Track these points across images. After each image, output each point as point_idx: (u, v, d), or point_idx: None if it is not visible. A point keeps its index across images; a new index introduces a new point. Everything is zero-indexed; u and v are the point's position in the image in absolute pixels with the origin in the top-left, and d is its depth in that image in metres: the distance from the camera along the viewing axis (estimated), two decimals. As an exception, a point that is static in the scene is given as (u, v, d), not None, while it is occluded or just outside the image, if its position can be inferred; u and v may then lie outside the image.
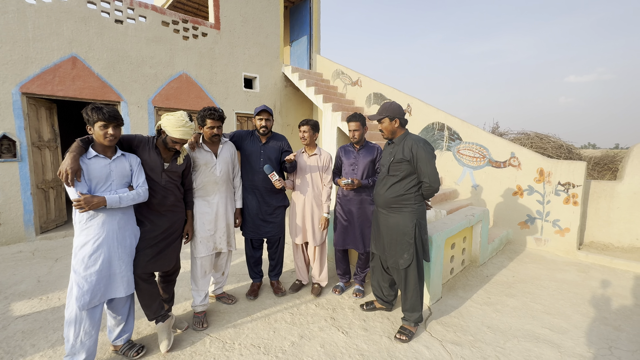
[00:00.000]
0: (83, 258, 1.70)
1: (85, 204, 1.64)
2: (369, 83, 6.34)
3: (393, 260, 2.19)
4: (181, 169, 2.08)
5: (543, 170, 3.98)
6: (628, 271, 3.33)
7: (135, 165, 1.89)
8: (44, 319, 2.37)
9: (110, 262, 1.78)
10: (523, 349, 2.07)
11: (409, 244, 2.12)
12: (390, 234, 2.18)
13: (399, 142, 2.15)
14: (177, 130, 1.88)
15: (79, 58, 4.40)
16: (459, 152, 4.78)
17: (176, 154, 2.06)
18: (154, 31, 5.04)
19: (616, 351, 2.06)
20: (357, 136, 2.58)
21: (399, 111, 2.14)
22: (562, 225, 3.85)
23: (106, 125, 1.72)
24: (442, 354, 2.03)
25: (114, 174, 1.78)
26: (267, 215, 2.63)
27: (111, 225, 1.77)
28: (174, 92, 5.31)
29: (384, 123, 2.15)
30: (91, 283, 1.71)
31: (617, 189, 3.80)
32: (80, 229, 1.72)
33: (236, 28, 6.07)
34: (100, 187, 1.74)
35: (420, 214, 2.17)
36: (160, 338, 2.04)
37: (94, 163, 1.73)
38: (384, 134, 2.19)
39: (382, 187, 2.21)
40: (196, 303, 2.35)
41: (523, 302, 2.68)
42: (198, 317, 2.33)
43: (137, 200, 1.83)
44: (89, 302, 1.71)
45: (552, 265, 3.49)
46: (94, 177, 1.72)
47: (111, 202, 1.72)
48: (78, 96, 4.41)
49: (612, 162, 5.27)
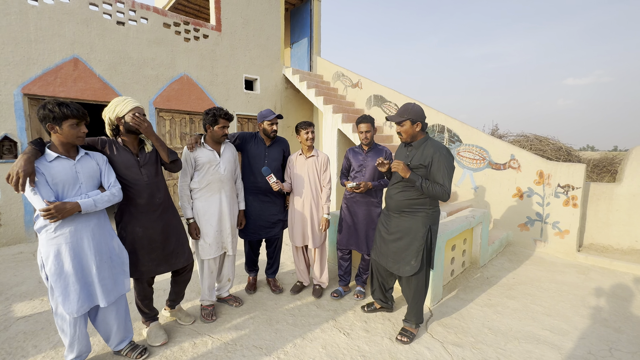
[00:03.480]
0: (56, 271, 1.56)
1: (57, 212, 1.46)
2: (370, 85, 6.37)
3: (398, 267, 2.12)
4: (154, 156, 1.97)
5: (543, 172, 4.00)
6: (627, 273, 3.35)
7: (103, 163, 1.72)
8: (46, 320, 2.37)
9: (89, 271, 1.66)
10: (524, 351, 2.08)
11: (418, 250, 2.04)
12: (400, 238, 2.10)
13: (418, 146, 2.04)
14: (125, 103, 1.78)
15: (80, 59, 4.41)
16: (459, 154, 4.80)
17: (141, 144, 1.94)
18: (156, 33, 5.07)
19: (616, 352, 2.07)
20: (368, 137, 2.58)
21: (421, 114, 2.02)
22: (562, 227, 3.87)
23: (78, 123, 1.57)
24: (443, 355, 2.03)
25: (81, 175, 1.60)
26: (269, 217, 2.65)
27: (85, 232, 1.62)
28: (175, 94, 5.33)
29: (404, 126, 2.02)
30: (77, 292, 1.62)
31: (616, 191, 3.82)
32: (47, 238, 1.53)
33: (237, 30, 6.10)
34: (68, 192, 1.56)
35: (434, 219, 2.08)
36: (157, 334, 2.07)
37: (57, 166, 1.53)
38: (403, 136, 2.06)
39: (395, 191, 2.12)
40: (205, 297, 2.41)
41: (523, 304, 2.69)
42: (207, 310, 2.38)
43: (112, 201, 1.69)
44: (78, 310, 1.64)
45: (552, 267, 3.51)
46: (60, 181, 1.53)
47: (86, 206, 1.55)
48: (80, 97, 4.42)
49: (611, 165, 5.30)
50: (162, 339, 2.08)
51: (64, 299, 1.60)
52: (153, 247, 1.96)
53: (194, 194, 2.31)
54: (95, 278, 1.67)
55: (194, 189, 2.31)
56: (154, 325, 2.15)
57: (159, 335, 2.09)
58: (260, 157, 2.61)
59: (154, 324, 2.15)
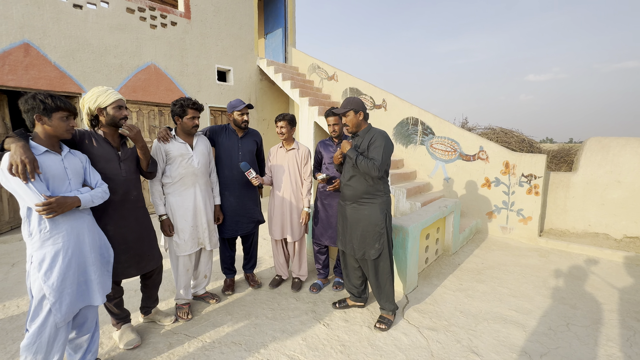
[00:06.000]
0: (55, 273, 1.45)
1: (58, 206, 1.39)
2: (345, 78, 6.37)
3: (363, 252, 2.20)
4: (135, 153, 1.93)
5: (508, 163, 4.23)
6: (582, 254, 3.65)
7: (86, 162, 1.68)
8: (1, 329, 2.19)
9: (85, 269, 1.58)
10: (492, 330, 2.21)
11: (380, 234, 2.16)
12: (362, 226, 2.18)
13: (363, 134, 2.18)
14: (108, 95, 1.73)
15: (32, 45, 4.02)
16: (432, 146, 4.95)
17: (122, 138, 1.90)
18: (118, 18, 4.72)
19: (572, 327, 2.26)
20: (336, 130, 2.60)
21: (362, 105, 2.18)
22: (525, 214, 4.13)
23: (68, 117, 1.54)
24: (419, 339, 2.12)
25: (69, 171, 1.54)
26: (246, 212, 2.59)
27: (82, 228, 1.57)
28: (142, 84, 5.03)
29: (348, 116, 2.16)
30: (72, 294, 1.51)
31: (573, 180, 4.13)
32: (41, 239, 1.44)
33: (208, 18, 5.83)
34: (58, 188, 1.49)
35: (388, 204, 2.23)
36: (128, 337, 1.98)
37: (46, 160, 1.46)
38: (349, 127, 2.20)
39: (352, 180, 2.20)
40: (180, 296, 2.33)
41: (491, 287, 2.85)
42: (183, 309, 2.32)
43: (104, 198, 1.66)
44: (68, 314, 1.51)
45: (516, 252, 3.74)
46: (51, 176, 1.46)
47: (85, 201, 1.51)
48: (32, 87, 4.05)
49: (568, 155, 5.72)
50: (135, 342, 1.99)
51: (59, 305, 1.46)
52: (126, 248, 1.86)
53: (167, 189, 2.21)
54: (94, 275, 1.61)
55: (166, 184, 2.20)
56: (125, 327, 2.04)
57: (131, 337, 2.00)
58: (233, 149, 2.53)
59: (125, 325, 2.05)
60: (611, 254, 3.53)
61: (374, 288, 2.28)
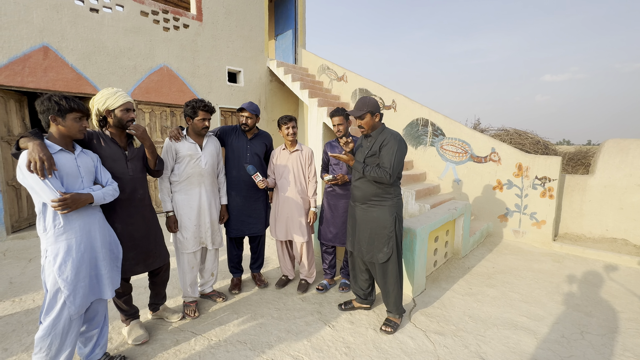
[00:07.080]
0: (69, 267, 1.51)
1: (72, 202, 1.46)
2: (355, 79, 6.35)
3: (371, 255, 2.17)
4: (141, 152, 1.97)
5: (521, 165, 4.12)
6: (598, 260, 3.52)
7: (97, 161, 1.73)
8: (17, 322, 2.27)
9: (96, 263, 1.65)
10: (502, 337, 2.16)
11: (389, 237, 2.11)
12: (370, 228, 2.15)
13: (376, 135, 2.13)
14: (117, 97, 1.77)
15: (51, 48, 4.17)
16: (442, 147, 4.87)
17: (129, 138, 1.94)
18: (132, 21, 4.84)
19: (587, 335, 2.17)
20: (342, 130, 2.59)
21: (378, 106, 2.13)
22: (539, 217, 4.01)
23: (81, 117, 1.60)
24: (426, 343, 2.08)
25: (82, 169, 1.60)
26: (252, 211, 2.61)
27: (93, 224, 1.63)
28: (154, 85, 5.14)
29: (365, 119, 2.11)
30: (85, 287, 1.57)
31: (589, 183, 3.99)
32: (55, 235, 1.50)
33: (219, 20, 5.92)
34: (72, 185, 1.55)
35: (399, 207, 2.17)
36: (137, 332, 2.01)
37: (61, 158, 1.53)
38: (365, 129, 2.15)
39: (360, 181, 2.18)
40: (187, 293, 2.36)
41: (502, 292, 2.78)
42: (190, 306, 2.35)
43: (115, 195, 1.71)
44: (82, 306, 1.57)
45: (529, 256, 3.64)
46: (65, 173, 1.52)
47: (97, 198, 1.58)
48: (51, 88, 4.19)
49: (585, 158, 5.53)
50: (143, 338, 2.02)
51: (73, 298, 1.53)
52: (132, 245, 1.91)
53: (174, 187, 2.26)
54: (104, 269, 1.67)
55: (173, 182, 2.25)
56: (134, 323, 2.08)
57: (139, 333, 2.04)
58: (242, 150, 2.56)
59: (134, 322, 2.09)
60: (630, 260, 3.39)
61: (381, 291, 2.26)
